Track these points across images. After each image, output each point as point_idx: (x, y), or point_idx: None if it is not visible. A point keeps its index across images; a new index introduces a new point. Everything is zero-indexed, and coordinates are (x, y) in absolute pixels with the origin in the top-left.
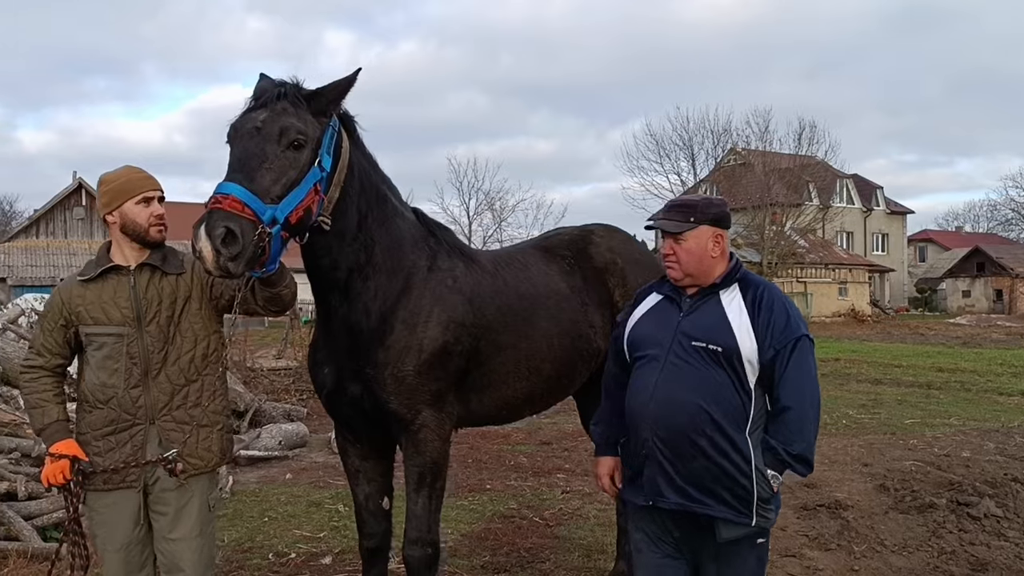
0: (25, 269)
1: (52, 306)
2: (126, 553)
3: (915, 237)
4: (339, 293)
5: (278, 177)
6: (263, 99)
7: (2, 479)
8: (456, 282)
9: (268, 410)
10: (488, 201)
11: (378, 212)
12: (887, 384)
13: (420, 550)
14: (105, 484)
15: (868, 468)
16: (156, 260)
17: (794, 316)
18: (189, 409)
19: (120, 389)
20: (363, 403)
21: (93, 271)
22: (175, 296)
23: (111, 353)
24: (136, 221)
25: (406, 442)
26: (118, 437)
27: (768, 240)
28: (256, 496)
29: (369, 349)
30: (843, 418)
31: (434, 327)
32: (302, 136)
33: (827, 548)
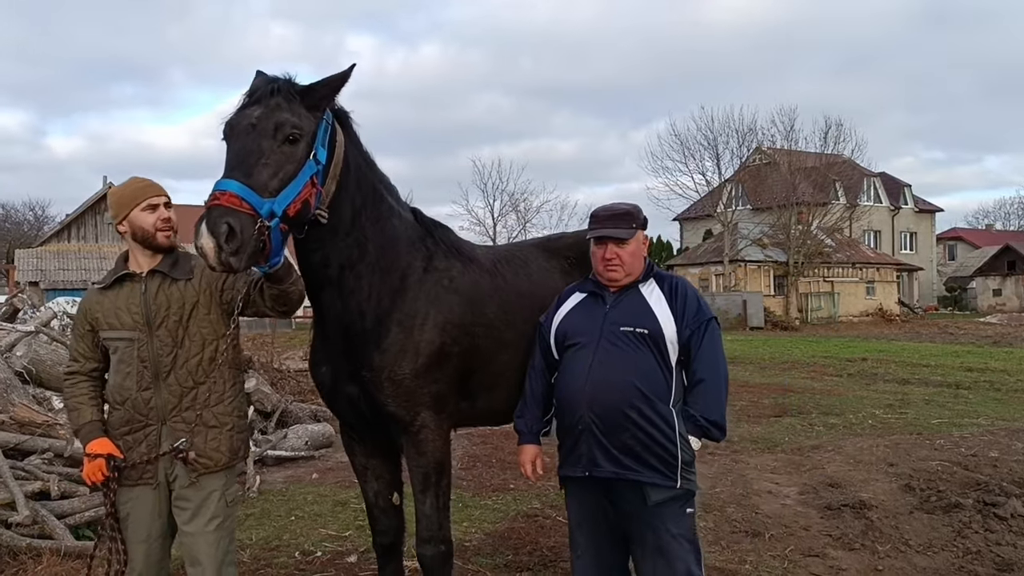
0: (57, 273)
1: (79, 314)
2: (147, 546)
3: (944, 235)
4: (332, 290)
5: (275, 172)
6: (257, 95)
7: (36, 478)
8: (452, 282)
9: (295, 411)
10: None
11: (372, 209)
12: (915, 384)
13: (433, 548)
14: (126, 481)
15: (894, 468)
16: (165, 267)
17: (703, 303)
18: (198, 410)
19: (133, 391)
20: (360, 404)
21: (109, 279)
22: (183, 301)
23: (124, 357)
24: (143, 227)
25: (407, 444)
26: (134, 436)
27: (794, 240)
28: (283, 495)
29: (364, 351)
30: (869, 418)
31: (430, 329)
32: (297, 130)
33: (851, 548)
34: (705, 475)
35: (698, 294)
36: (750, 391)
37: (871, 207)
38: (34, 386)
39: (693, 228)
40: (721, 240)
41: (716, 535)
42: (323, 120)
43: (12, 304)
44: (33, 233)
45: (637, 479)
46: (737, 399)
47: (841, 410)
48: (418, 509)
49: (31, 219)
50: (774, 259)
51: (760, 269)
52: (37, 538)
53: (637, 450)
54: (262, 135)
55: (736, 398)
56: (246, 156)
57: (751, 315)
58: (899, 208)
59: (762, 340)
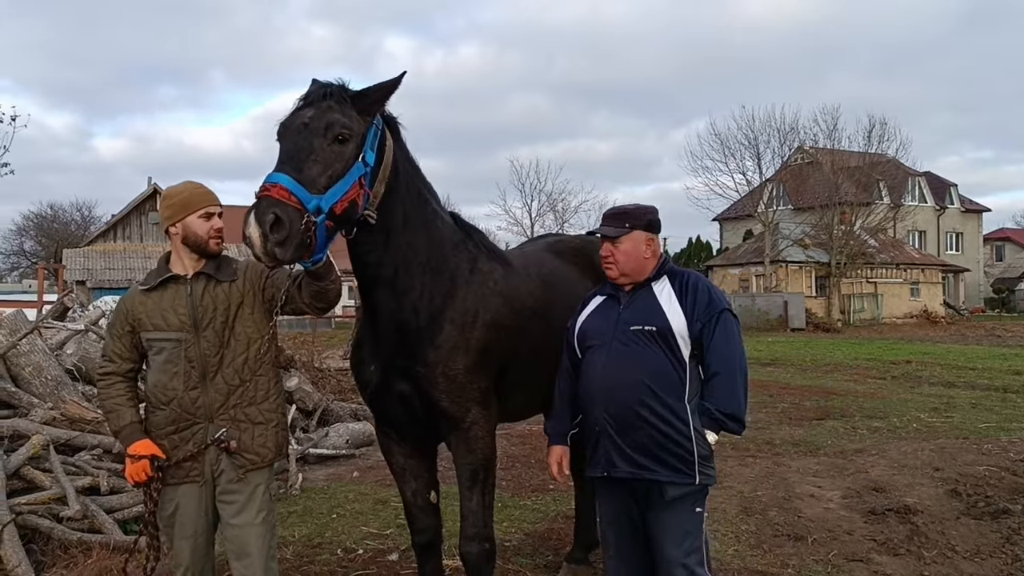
0: (103, 272)
1: (118, 314)
2: (194, 541)
3: (992, 236)
4: (387, 290)
5: (324, 169)
6: (310, 98)
7: (86, 474)
8: (496, 284)
9: (336, 409)
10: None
11: (421, 212)
12: (961, 387)
13: (478, 546)
14: (171, 480)
15: (939, 473)
16: (210, 269)
17: (716, 295)
18: (244, 408)
19: (180, 391)
20: (412, 401)
21: (153, 280)
22: (228, 303)
23: (171, 357)
24: (197, 234)
25: (456, 441)
26: (181, 436)
27: (837, 240)
28: (324, 493)
29: (419, 347)
30: (913, 421)
31: (479, 328)
32: (347, 131)
33: (896, 553)
34: (746, 478)
35: (710, 286)
36: (791, 393)
37: (916, 207)
38: (83, 383)
39: (733, 228)
40: (762, 240)
41: (758, 538)
42: (373, 124)
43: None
44: (80, 233)
45: (654, 478)
46: (779, 401)
47: (885, 413)
48: (464, 506)
49: (78, 219)
50: (816, 260)
51: (802, 270)
52: (87, 532)
53: (652, 448)
54: (313, 133)
55: (778, 400)
56: (297, 152)
57: (792, 316)
58: (945, 208)
59: (803, 342)
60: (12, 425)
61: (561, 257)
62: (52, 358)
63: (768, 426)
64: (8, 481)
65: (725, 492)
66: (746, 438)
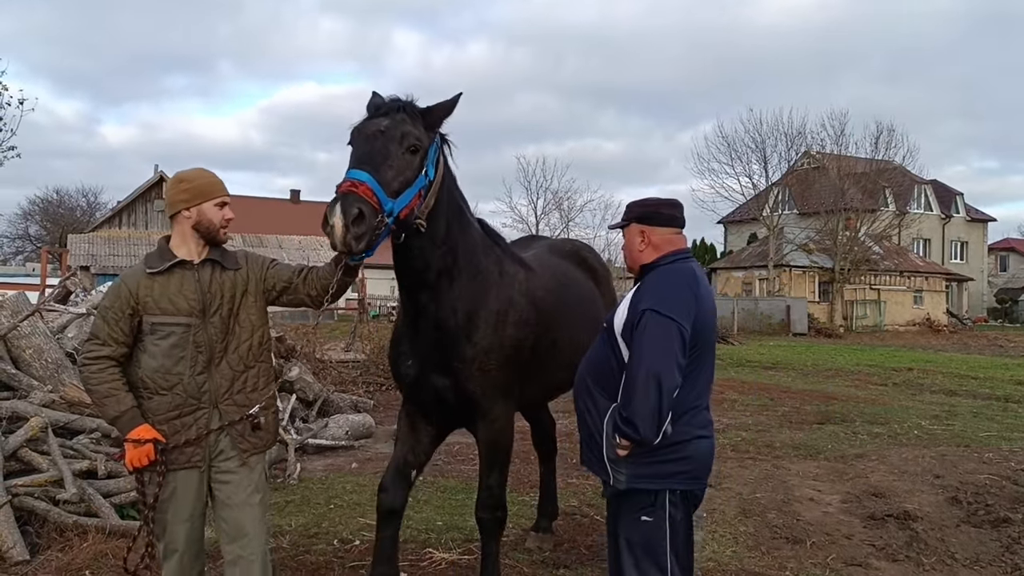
0: (108, 258)
1: (119, 296)
2: (190, 524)
3: (996, 246)
4: (429, 292)
5: (397, 174)
6: (385, 109)
7: (83, 457)
8: (520, 286)
9: (336, 401)
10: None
11: (459, 222)
12: (962, 396)
13: (492, 513)
14: (172, 465)
15: (940, 480)
16: (217, 256)
17: (654, 293)
18: (248, 393)
19: (186, 376)
20: (447, 394)
21: (159, 264)
22: (234, 290)
23: (178, 342)
24: (211, 221)
25: (483, 428)
26: (183, 421)
27: (841, 246)
28: (322, 484)
29: (456, 345)
30: (914, 428)
31: (511, 326)
32: (419, 143)
33: (895, 559)
34: (745, 480)
35: (660, 284)
36: (792, 397)
37: (921, 215)
38: None
39: (738, 231)
40: (766, 244)
41: (756, 540)
42: (434, 141)
43: (65, 287)
44: (86, 219)
45: (591, 470)
46: (779, 405)
47: (886, 419)
48: (483, 482)
49: (84, 205)
50: (820, 265)
51: (805, 275)
52: (83, 516)
53: (586, 442)
54: (389, 140)
55: (778, 403)
56: (374, 155)
57: (795, 321)
58: (950, 216)
59: (805, 346)
60: (11, 407)
61: (565, 259)
62: (53, 341)
63: (768, 429)
64: (5, 462)
65: (724, 493)
66: (746, 440)
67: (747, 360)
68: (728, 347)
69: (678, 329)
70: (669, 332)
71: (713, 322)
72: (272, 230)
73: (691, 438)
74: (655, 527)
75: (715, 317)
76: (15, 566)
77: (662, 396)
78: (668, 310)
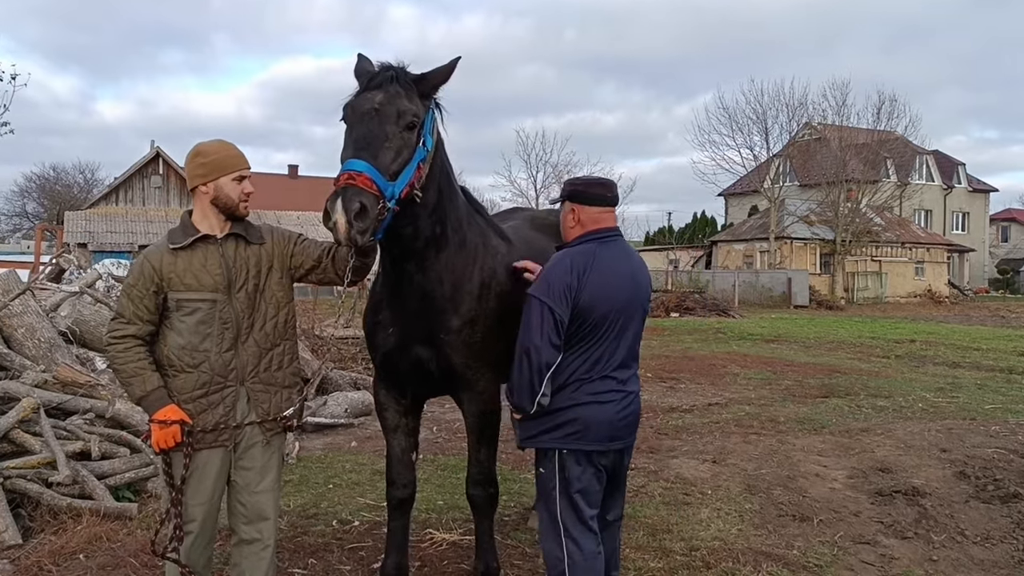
0: (105, 235)
1: (142, 273)
2: (209, 506)
3: (998, 216)
4: (416, 261)
5: (396, 156)
6: (377, 81)
7: (77, 438)
8: (503, 258)
9: (335, 378)
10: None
11: (449, 189)
12: (966, 368)
13: (484, 490)
14: (199, 444)
15: (947, 454)
16: (240, 230)
17: (543, 276)
18: (274, 372)
19: (213, 353)
20: (428, 365)
21: (183, 239)
22: (260, 266)
23: (204, 318)
24: (230, 196)
25: (468, 401)
26: (210, 399)
27: (842, 218)
28: (322, 463)
29: (443, 316)
30: (919, 401)
31: (493, 298)
32: (416, 118)
33: (904, 536)
34: (750, 455)
35: (550, 270)
36: (795, 370)
37: (923, 185)
38: (77, 346)
39: (739, 204)
40: (767, 216)
41: (762, 518)
42: (431, 108)
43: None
44: (83, 196)
45: None
46: (782, 378)
47: (890, 392)
48: (472, 456)
49: (81, 182)
50: (821, 237)
51: (806, 247)
52: (77, 498)
53: None
54: (385, 120)
55: (781, 377)
56: (372, 139)
57: (796, 293)
58: (952, 187)
59: (807, 319)
60: (3, 387)
61: (542, 232)
62: (46, 320)
63: (771, 403)
64: None
65: (728, 469)
66: (749, 415)
67: (748, 333)
68: (729, 320)
69: (551, 312)
70: (543, 314)
71: (613, 301)
72: (270, 206)
73: (573, 404)
74: (548, 477)
75: (620, 295)
76: (7, 550)
77: (532, 370)
78: (544, 294)
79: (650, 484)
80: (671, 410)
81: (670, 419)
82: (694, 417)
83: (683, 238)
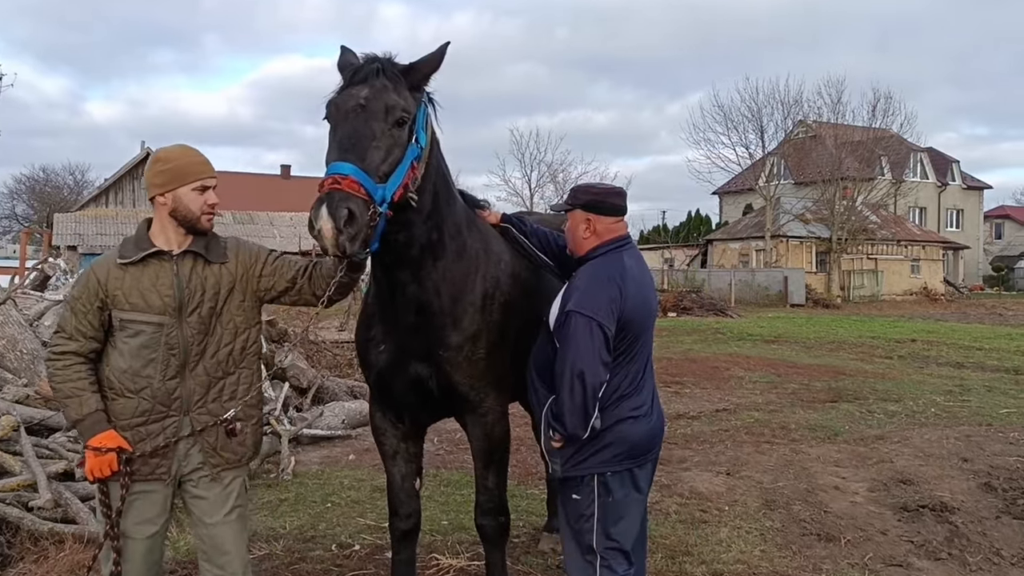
0: (95, 238)
1: (87, 286)
2: (150, 543)
3: (991, 213)
4: (411, 270)
5: (385, 156)
6: (362, 74)
7: (60, 458)
8: (507, 266)
9: (331, 387)
10: (551, 173)
11: (446, 192)
12: (970, 368)
13: (494, 519)
14: (136, 476)
15: (969, 464)
16: (200, 247)
17: (581, 290)
18: (224, 402)
19: (156, 379)
20: (427, 384)
21: (133, 254)
22: (218, 287)
23: (148, 342)
24: (189, 208)
25: (473, 424)
26: (149, 428)
27: (838, 216)
28: (318, 479)
29: (442, 331)
30: (931, 406)
31: (498, 310)
32: (406, 114)
33: (937, 557)
34: (764, 467)
35: (587, 283)
36: (800, 372)
37: (917, 183)
38: None
39: (733, 202)
40: (762, 215)
41: (785, 537)
42: (422, 102)
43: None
44: (73, 198)
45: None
46: (788, 381)
47: (899, 396)
48: (480, 484)
49: (71, 183)
50: (817, 235)
51: (802, 245)
52: (60, 522)
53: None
54: (372, 117)
55: (786, 380)
56: (359, 139)
57: (792, 292)
58: (946, 185)
59: (804, 318)
60: None
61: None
62: (28, 330)
63: (780, 409)
64: None
65: (744, 483)
66: (759, 422)
67: (748, 334)
68: (727, 320)
69: (600, 328)
70: (591, 332)
71: (646, 310)
72: (263, 207)
73: (616, 422)
74: (583, 505)
75: (650, 303)
76: None
77: (587, 395)
78: (590, 310)
79: (664, 500)
80: (678, 416)
81: (678, 427)
82: (703, 424)
83: (678, 237)
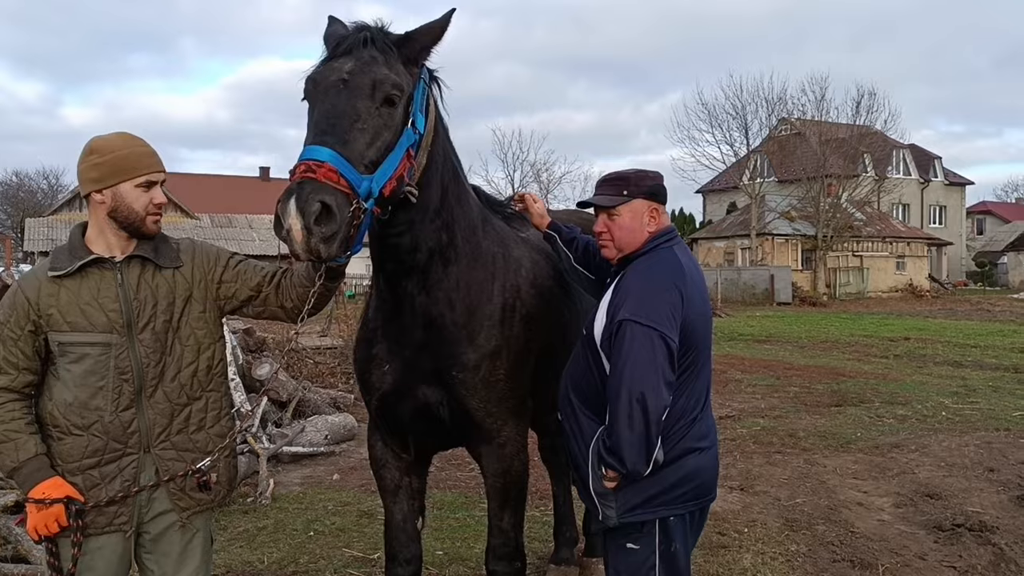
0: None
1: (15, 308)
2: None
3: (973, 209)
4: (418, 279)
5: (372, 140)
6: (347, 45)
7: (12, 488)
8: (528, 273)
9: (313, 399)
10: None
11: (456, 187)
12: (969, 367)
13: (509, 565)
14: (90, 530)
15: (995, 474)
16: (147, 251)
17: (635, 295)
18: (192, 434)
19: (107, 412)
20: (438, 410)
21: (68, 263)
22: (173, 296)
23: (94, 367)
24: (132, 208)
25: (488, 456)
26: (103, 471)
27: (823, 213)
28: (300, 503)
29: (455, 348)
30: (941, 409)
31: (519, 323)
32: (397, 91)
33: None
34: (780, 480)
35: (641, 285)
36: (798, 374)
37: (901, 180)
38: None
39: (717, 200)
40: (747, 213)
41: (815, 564)
42: (420, 79)
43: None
44: (47, 202)
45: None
46: (787, 384)
47: (905, 399)
48: (494, 524)
49: (45, 188)
50: (802, 233)
51: (788, 243)
52: (9, 562)
53: (574, 469)
54: (357, 94)
55: (786, 383)
56: (339, 119)
57: (779, 290)
58: (929, 181)
59: (793, 316)
60: None
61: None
62: None
63: (786, 414)
64: None
65: (760, 499)
66: (766, 430)
67: (738, 333)
68: (716, 319)
69: (662, 340)
70: (652, 345)
71: (707, 315)
72: (242, 209)
73: (684, 454)
74: (643, 556)
75: (708, 307)
76: None
77: (649, 422)
78: (649, 319)
79: None
80: None
81: None
82: None
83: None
